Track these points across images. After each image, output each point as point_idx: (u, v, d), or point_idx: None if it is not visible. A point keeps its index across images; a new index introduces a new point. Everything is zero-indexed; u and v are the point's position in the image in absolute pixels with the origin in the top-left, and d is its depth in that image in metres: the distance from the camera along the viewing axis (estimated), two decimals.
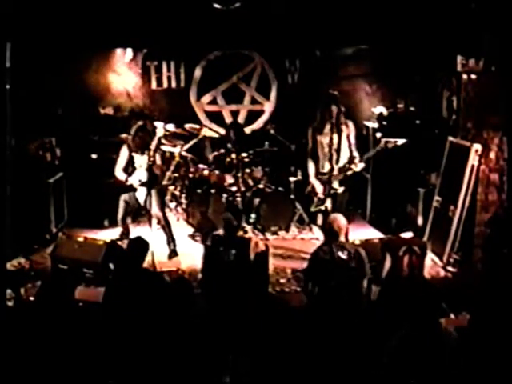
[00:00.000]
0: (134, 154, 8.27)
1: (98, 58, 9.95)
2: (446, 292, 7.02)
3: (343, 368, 5.63)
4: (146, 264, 7.31)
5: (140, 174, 8.21)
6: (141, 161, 8.22)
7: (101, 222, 9.41)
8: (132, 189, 8.29)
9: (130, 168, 8.29)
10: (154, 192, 8.19)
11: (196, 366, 5.58)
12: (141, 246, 6.29)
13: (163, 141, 8.88)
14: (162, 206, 8.51)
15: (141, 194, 8.24)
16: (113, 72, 10.24)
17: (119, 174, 8.36)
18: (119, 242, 8.12)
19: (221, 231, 7.09)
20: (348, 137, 8.13)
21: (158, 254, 7.88)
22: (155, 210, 8.27)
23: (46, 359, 5.62)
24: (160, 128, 8.19)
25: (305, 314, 6.25)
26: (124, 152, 8.34)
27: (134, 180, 8.22)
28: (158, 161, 8.35)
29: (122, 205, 8.32)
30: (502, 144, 7.67)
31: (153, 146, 8.08)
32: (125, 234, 8.40)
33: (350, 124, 8.23)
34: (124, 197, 8.33)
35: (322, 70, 10.33)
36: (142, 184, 8.16)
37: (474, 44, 7.63)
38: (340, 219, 6.22)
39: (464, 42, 7.72)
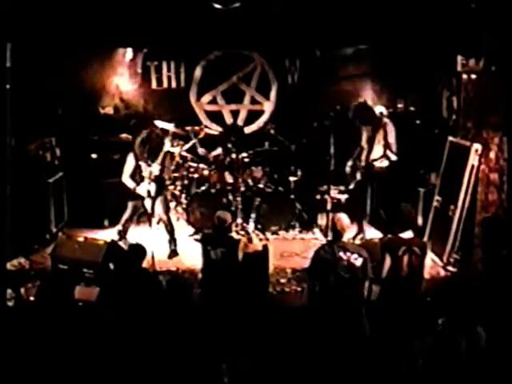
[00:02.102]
0: (140, 162, 8.26)
1: (98, 58, 9.94)
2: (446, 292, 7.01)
3: (343, 368, 5.63)
4: (146, 264, 7.36)
5: (148, 185, 8.18)
6: (148, 171, 8.20)
7: (101, 222, 9.41)
8: (140, 197, 8.28)
9: (137, 176, 8.28)
10: (160, 198, 8.25)
11: (194, 366, 5.58)
12: (139, 252, 6.33)
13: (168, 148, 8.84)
14: (167, 210, 8.55)
15: (147, 199, 8.25)
16: (113, 72, 10.22)
17: (127, 181, 8.33)
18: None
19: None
20: (385, 137, 8.65)
21: (158, 253, 7.90)
22: (161, 214, 8.38)
23: (45, 359, 5.62)
24: (167, 142, 8.26)
25: (305, 314, 6.24)
26: (130, 160, 8.32)
27: (142, 190, 8.20)
28: (167, 163, 8.37)
29: (129, 209, 8.40)
30: (502, 144, 7.68)
31: (159, 159, 8.14)
32: (122, 234, 8.41)
33: (389, 126, 8.69)
34: (133, 203, 8.36)
35: (322, 69, 10.33)
36: (150, 195, 8.15)
37: (474, 44, 7.63)
38: (344, 219, 6.22)
39: (464, 42, 7.72)
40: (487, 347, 4.87)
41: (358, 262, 5.98)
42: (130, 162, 8.31)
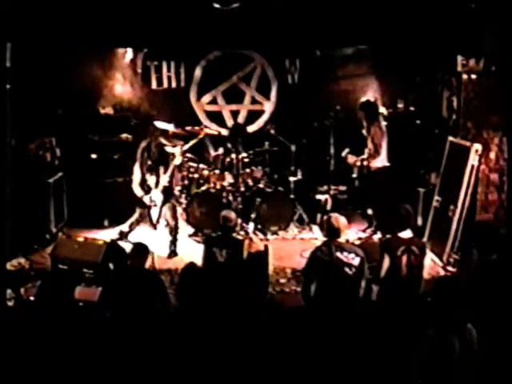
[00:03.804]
0: (144, 172, 8.28)
1: (98, 57, 9.94)
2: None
3: (342, 369, 5.63)
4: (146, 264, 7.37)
5: (154, 195, 8.25)
6: (152, 181, 8.26)
7: (101, 222, 9.42)
8: (147, 206, 8.32)
9: (145, 185, 8.32)
10: (168, 205, 8.33)
11: (194, 366, 5.59)
12: (143, 251, 6.31)
13: (163, 141, 8.87)
14: (175, 215, 8.58)
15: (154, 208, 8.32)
16: (113, 72, 10.21)
17: (137, 190, 8.36)
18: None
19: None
20: (372, 138, 8.78)
21: (158, 253, 7.91)
22: (169, 219, 8.44)
23: (45, 359, 5.62)
24: (178, 157, 8.30)
25: (302, 315, 6.24)
26: (137, 170, 8.35)
27: (147, 200, 8.25)
28: (175, 174, 8.43)
29: (137, 214, 8.48)
30: (502, 144, 7.69)
31: (169, 173, 8.22)
32: (124, 234, 8.43)
33: (379, 128, 8.84)
34: (140, 210, 8.42)
35: (322, 69, 10.33)
36: (156, 205, 8.23)
37: (474, 44, 7.64)
38: (341, 219, 6.22)
39: (464, 42, 7.73)
40: (480, 346, 4.87)
41: (356, 261, 5.99)
42: (137, 172, 8.34)
